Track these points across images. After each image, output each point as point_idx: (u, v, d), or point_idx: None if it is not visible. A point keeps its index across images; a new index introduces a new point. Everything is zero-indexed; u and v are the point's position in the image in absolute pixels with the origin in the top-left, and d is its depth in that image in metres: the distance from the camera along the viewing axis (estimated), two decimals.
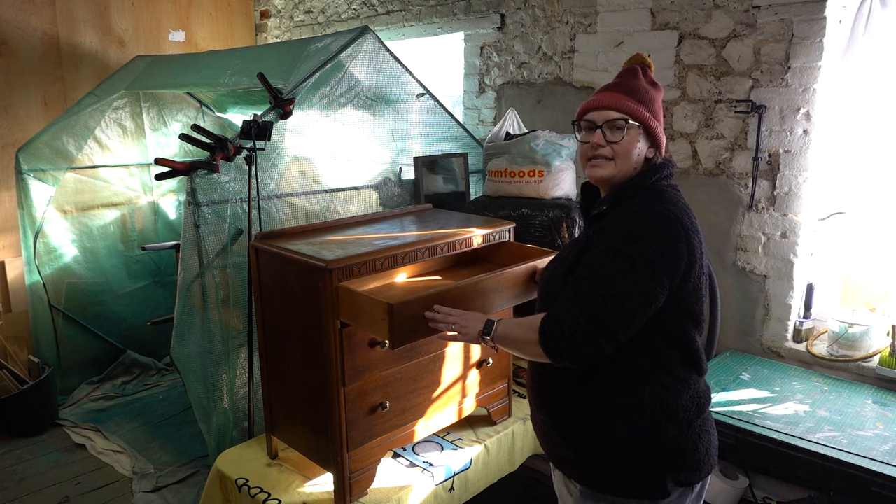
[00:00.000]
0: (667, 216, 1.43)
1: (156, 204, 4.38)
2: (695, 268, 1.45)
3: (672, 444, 1.48)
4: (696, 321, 1.50)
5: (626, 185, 1.52)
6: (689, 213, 1.49)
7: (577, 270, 1.47)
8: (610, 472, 1.49)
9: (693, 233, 1.45)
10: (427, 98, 3.27)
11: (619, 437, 1.47)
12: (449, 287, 1.85)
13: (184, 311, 2.66)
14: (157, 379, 4.16)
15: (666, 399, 1.47)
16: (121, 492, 3.03)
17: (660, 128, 1.56)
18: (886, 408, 2.41)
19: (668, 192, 1.51)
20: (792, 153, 2.73)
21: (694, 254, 1.43)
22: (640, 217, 1.44)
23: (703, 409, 1.53)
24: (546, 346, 1.42)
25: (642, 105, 1.52)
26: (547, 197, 2.96)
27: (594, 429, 1.50)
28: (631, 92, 1.53)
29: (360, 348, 1.96)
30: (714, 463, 1.56)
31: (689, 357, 1.50)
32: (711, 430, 1.57)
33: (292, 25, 4.94)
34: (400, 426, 2.14)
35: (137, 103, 4.16)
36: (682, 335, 1.49)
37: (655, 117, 1.55)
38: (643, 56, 1.61)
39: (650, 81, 1.59)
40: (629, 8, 3.10)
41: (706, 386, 1.57)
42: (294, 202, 2.85)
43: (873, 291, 2.83)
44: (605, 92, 1.55)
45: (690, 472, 1.51)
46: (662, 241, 1.40)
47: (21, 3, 3.99)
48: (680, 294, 1.44)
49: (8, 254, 4.05)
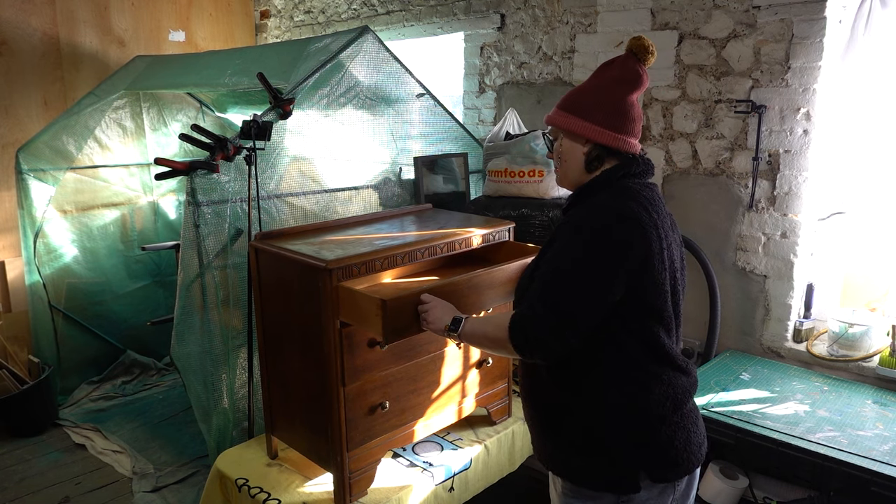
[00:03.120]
0: (620, 210, 1.45)
1: (156, 204, 4.38)
2: (652, 262, 1.45)
3: (643, 440, 1.50)
4: (659, 317, 1.50)
5: (590, 184, 1.58)
6: (653, 209, 1.50)
7: (540, 266, 1.53)
8: (585, 466, 1.53)
9: (651, 228, 1.45)
10: (427, 98, 3.27)
11: (591, 432, 1.51)
12: (442, 283, 1.86)
13: (184, 311, 2.66)
14: (157, 379, 4.16)
15: (634, 394, 1.49)
16: (121, 492, 3.03)
17: (594, 128, 1.54)
18: (886, 408, 2.41)
19: (633, 189, 1.53)
20: (792, 153, 2.73)
21: (651, 248, 1.44)
22: (595, 211, 1.48)
23: (680, 404, 1.53)
24: (515, 342, 1.47)
25: (572, 112, 1.57)
26: (547, 197, 2.96)
27: (568, 424, 1.55)
28: (569, 100, 1.59)
29: (360, 348, 1.96)
30: (697, 460, 1.56)
31: (655, 353, 1.50)
32: (693, 426, 1.56)
33: (292, 25, 4.94)
34: (400, 426, 2.14)
35: (137, 103, 4.15)
36: (645, 331, 1.49)
37: (593, 117, 1.54)
38: (635, 41, 1.58)
39: (617, 76, 1.57)
40: (629, 8, 3.10)
41: (689, 382, 1.56)
42: (294, 202, 2.85)
43: (873, 291, 2.83)
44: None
45: (667, 468, 1.51)
46: (615, 233, 1.43)
47: (21, 3, 3.99)
48: (640, 287, 1.45)
49: (8, 254, 4.05)
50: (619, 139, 1.55)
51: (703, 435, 1.61)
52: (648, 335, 1.49)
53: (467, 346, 2.30)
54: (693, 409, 1.59)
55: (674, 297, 1.54)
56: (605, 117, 1.55)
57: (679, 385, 1.53)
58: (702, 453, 1.58)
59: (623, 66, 1.58)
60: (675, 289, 1.54)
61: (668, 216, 1.58)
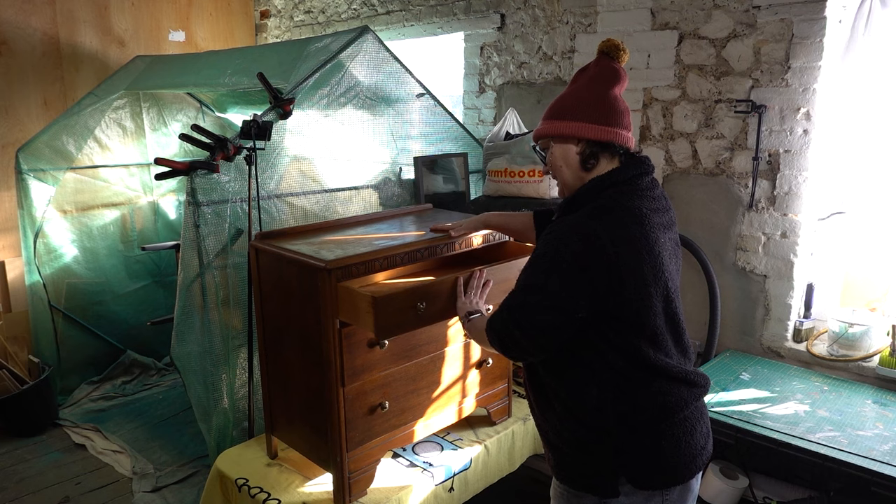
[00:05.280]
0: (587, 233, 1.42)
1: (156, 204, 4.38)
2: (624, 281, 1.41)
3: (622, 445, 1.48)
4: (640, 330, 1.46)
5: (577, 195, 1.55)
6: (636, 220, 1.46)
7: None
8: (568, 465, 1.56)
9: (622, 245, 1.41)
10: (427, 98, 3.27)
11: (573, 433, 1.52)
12: (436, 281, 1.87)
13: (184, 311, 2.66)
14: (157, 379, 4.15)
15: (615, 400, 1.47)
16: (121, 492, 3.03)
17: (581, 126, 1.54)
18: (886, 408, 2.41)
19: (617, 202, 1.48)
20: (792, 153, 2.73)
21: (618, 270, 1.40)
22: (566, 229, 1.46)
23: (668, 413, 1.49)
24: (492, 343, 1.55)
25: (556, 118, 1.58)
26: (547, 197, 2.96)
27: (553, 421, 1.57)
28: (551, 109, 1.60)
29: (360, 348, 1.96)
30: (689, 471, 1.52)
31: (640, 364, 1.47)
32: (686, 436, 1.51)
33: (292, 25, 4.94)
34: (399, 426, 2.14)
35: (137, 103, 4.15)
36: (625, 343, 1.46)
37: (578, 116, 1.54)
38: (603, 43, 1.58)
39: (594, 75, 1.57)
40: (629, 8, 3.10)
41: (689, 392, 1.52)
42: (294, 202, 2.85)
43: (873, 291, 2.83)
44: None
45: (650, 475, 1.49)
46: (575, 257, 1.41)
47: (21, 3, 3.99)
48: (612, 306, 1.42)
49: (8, 254, 4.05)
50: (608, 131, 1.53)
51: (701, 446, 1.54)
52: (629, 348, 1.46)
53: (467, 345, 2.30)
54: (689, 418, 1.52)
55: (669, 306, 1.49)
56: (589, 114, 1.54)
57: (673, 394, 1.49)
58: (696, 465, 1.53)
59: (598, 66, 1.58)
60: (669, 297, 1.49)
61: (666, 213, 1.55)
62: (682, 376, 1.51)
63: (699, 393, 1.55)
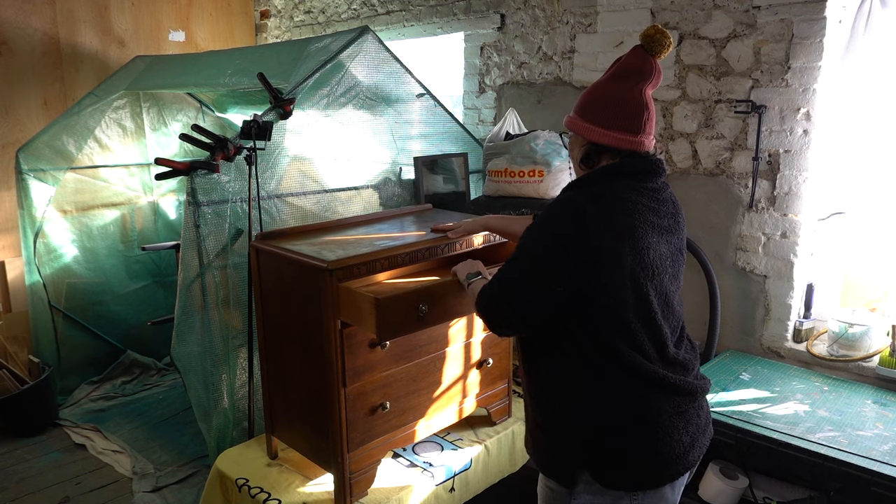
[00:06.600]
0: (577, 209, 1.44)
1: (156, 204, 4.38)
2: (602, 263, 1.40)
3: (589, 440, 1.48)
4: (613, 322, 1.43)
5: (580, 178, 1.58)
6: (629, 212, 1.45)
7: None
8: (540, 451, 1.62)
9: (607, 230, 1.41)
10: (427, 98, 3.27)
11: (546, 418, 1.58)
12: (438, 282, 1.87)
13: (184, 311, 2.66)
14: (157, 379, 4.15)
15: (587, 395, 1.48)
16: (121, 492, 3.03)
17: (586, 126, 1.54)
18: (886, 408, 2.41)
19: (608, 195, 1.46)
20: (792, 153, 2.73)
21: (601, 253, 1.40)
22: (558, 203, 1.51)
23: (645, 420, 1.45)
24: (478, 311, 1.60)
25: (576, 111, 1.60)
26: (547, 197, 2.96)
27: (535, 407, 1.62)
28: (578, 100, 1.60)
29: (361, 349, 1.96)
30: (661, 479, 1.48)
31: (610, 356, 1.44)
32: (660, 443, 1.46)
33: (292, 25, 4.94)
34: (400, 426, 2.14)
35: (137, 103, 4.15)
36: (597, 333, 1.44)
37: (587, 115, 1.55)
38: (645, 31, 1.54)
39: (614, 71, 1.56)
40: (629, 8, 3.10)
41: (657, 397, 1.46)
42: (294, 202, 2.85)
43: (873, 291, 2.83)
44: None
45: (617, 476, 1.47)
46: (556, 226, 1.46)
47: (21, 3, 3.99)
48: (589, 287, 1.41)
49: (8, 254, 4.05)
50: (607, 135, 1.50)
51: (678, 455, 1.47)
52: (601, 338, 1.44)
53: (468, 346, 2.30)
54: (665, 426, 1.46)
55: (647, 307, 1.45)
56: (597, 114, 1.53)
57: (647, 399, 1.46)
58: (670, 473, 1.48)
59: (627, 59, 1.56)
60: (648, 300, 1.45)
61: (670, 217, 1.53)
62: (660, 381, 1.46)
63: (682, 402, 1.50)
